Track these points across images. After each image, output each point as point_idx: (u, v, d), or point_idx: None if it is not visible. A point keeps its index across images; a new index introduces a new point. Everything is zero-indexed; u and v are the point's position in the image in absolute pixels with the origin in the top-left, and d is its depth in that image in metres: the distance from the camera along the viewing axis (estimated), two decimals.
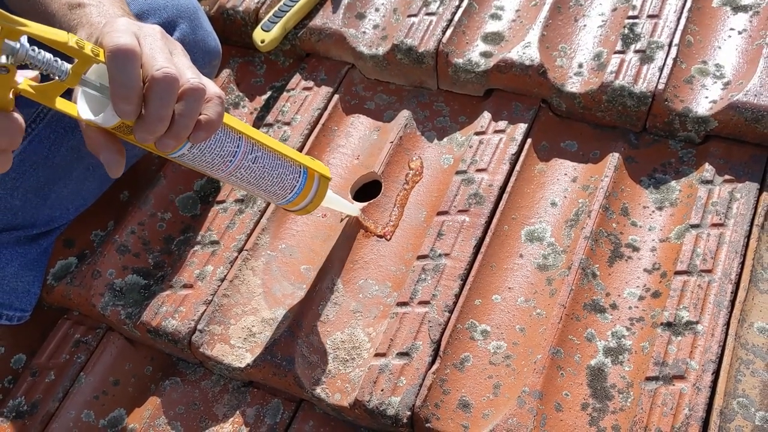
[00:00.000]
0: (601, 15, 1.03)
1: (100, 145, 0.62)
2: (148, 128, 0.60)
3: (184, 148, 0.66)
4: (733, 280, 0.80)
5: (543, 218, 0.91)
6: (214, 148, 0.69)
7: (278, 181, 0.77)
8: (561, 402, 0.77)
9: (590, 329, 0.82)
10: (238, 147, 0.71)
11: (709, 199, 0.86)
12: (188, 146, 0.66)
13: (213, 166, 0.71)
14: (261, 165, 0.74)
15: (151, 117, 0.59)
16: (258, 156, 0.74)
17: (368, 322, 0.87)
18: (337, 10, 1.10)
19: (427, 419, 0.77)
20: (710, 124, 0.90)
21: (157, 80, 0.59)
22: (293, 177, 0.78)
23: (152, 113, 0.59)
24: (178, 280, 0.92)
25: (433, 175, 0.98)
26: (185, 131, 0.62)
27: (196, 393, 0.90)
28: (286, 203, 0.81)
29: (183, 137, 0.62)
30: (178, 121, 0.61)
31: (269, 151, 0.75)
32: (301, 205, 0.82)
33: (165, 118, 0.60)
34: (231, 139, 0.71)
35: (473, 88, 1.03)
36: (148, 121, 0.60)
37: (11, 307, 0.94)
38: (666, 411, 0.73)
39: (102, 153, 0.63)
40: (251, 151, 0.73)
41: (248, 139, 0.73)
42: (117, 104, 0.58)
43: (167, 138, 0.61)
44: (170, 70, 0.59)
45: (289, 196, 0.80)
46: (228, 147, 0.70)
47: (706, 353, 0.76)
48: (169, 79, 0.59)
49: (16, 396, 0.91)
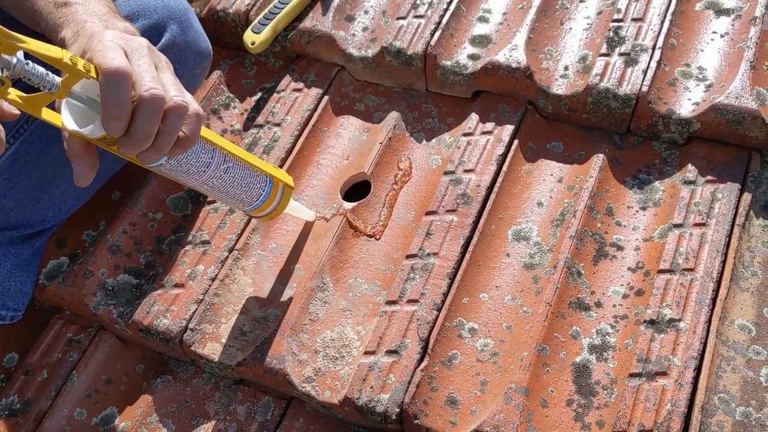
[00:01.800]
0: (586, 18, 1.04)
1: (77, 155, 0.65)
2: (133, 144, 0.63)
3: (162, 159, 0.69)
4: (714, 279, 0.82)
5: (529, 218, 0.93)
6: (191, 159, 0.73)
7: (246, 189, 0.81)
8: (547, 398, 0.79)
9: (575, 327, 0.83)
10: (212, 158, 0.75)
11: (692, 199, 0.88)
12: (165, 158, 0.70)
13: (188, 175, 0.74)
14: (231, 175, 0.78)
15: (137, 134, 0.62)
16: (230, 167, 0.78)
17: (358, 321, 0.88)
18: (327, 12, 1.11)
19: (415, 416, 0.79)
20: (693, 125, 0.92)
21: (145, 101, 0.61)
22: (260, 186, 0.82)
23: (138, 131, 0.62)
24: (169, 279, 0.93)
25: (422, 176, 0.99)
26: (167, 147, 0.65)
27: (188, 391, 0.91)
28: (252, 210, 0.85)
29: (164, 152, 0.65)
30: (160, 137, 0.64)
31: (239, 162, 0.79)
32: (266, 212, 0.86)
33: (150, 135, 0.63)
34: (206, 151, 0.74)
35: (461, 90, 1.04)
36: (133, 138, 0.62)
37: (4, 306, 0.94)
38: (649, 407, 0.75)
39: (76, 163, 0.66)
40: (223, 161, 0.77)
41: (221, 151, 0.76)
42: (107, 122, 0.61)
43: (149, 152, 0.65)
44: (157, 92, 0.62)
45: (255, 203, 0.83)
46: (203, 158, 0.74)
47: (688, 350, 0.77)
48: (157, 100, 0.62)
49: (8, 394, 0.91)
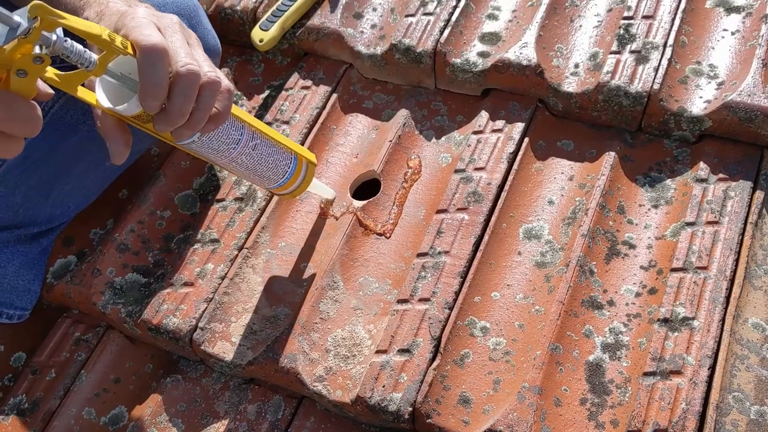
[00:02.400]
0: (596, 15, 1.04)
1: (111, 132, 0.66)
2: (169, 121, 0.63)
3: (194, 136, 0.70)
4: (728, 277, 0.81)
5: (541, 216, 0.92)
6: (221, 136, 0.73)
7: (273, 167, 0.82)
8: (560, 397, 0.78)
9: (588, 325, 0.83)
10: (241, 135, 0.76)
11: (704, 198, 0.88)
12: (198, 135, 0.70)
13: (218, 153, 0.75)
14: (259, 152, 0.79)
15: (174, 111, 0.63)
16: (257, 143, 0.78)
17: (369, 319, 0.87)
18: (335, 9, 1.10)
19: (428, 415, 0.78)
20: (704, 123, 0.92)
21: (182, 77, 0.62)
22: (285, 163, 0.83)
23: (175, 108, 0.63)
24: (178, 278, 0.93)
25: (432, 174, 0.99)
26: (201, 123, 0.65)
27: (197, 390, 0.91)
28: (277, 187, 0.85)
29: (198, 128, 0.66)
30: (195, 113, 0.64)
31: (266, 139, 0.80)
32: (289, 189, 0.87)
33: (186, 112, 0.63)
34: (235, 128, 0.75)
35: (471, 88, 1.04)
36: (170, 115, 0.63)
37: (11, 305, 0.94)
38: (664, 405, 0.74)
39: (111, 141, 0.66)
40: (252, 138, 0.77)
41: (249, 128, 0.77)
42: (145, 99, 0.61)
43: (184, 128, 0.65)
44: (193, 67, 0.62)
45: (280, 181, 0.84)
46: (233, 135, 0.75)
47: (702, 349, 0.77)
48: (193, 76, 0.62)
49: (17, 394, 0.91)
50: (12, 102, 0.56)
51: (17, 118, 0.57)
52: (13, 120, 0.56)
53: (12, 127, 0.57)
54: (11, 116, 0.56)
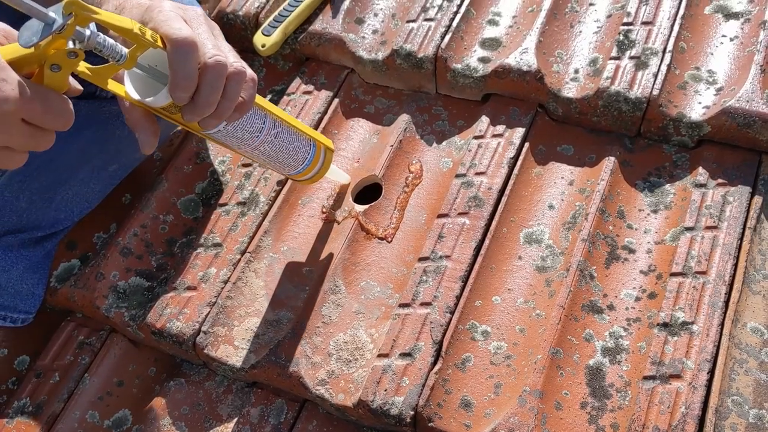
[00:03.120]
0: (596, 21, 1.05)
1: (140, 123, 0.68)
2: (198, 111, 0.65)
3: (220, 125, 0.72)
4: (726, 282, 0.82)
5: (541, 221, 0.93)
6: (245, 125, 0.76)
7: (293, 153, 0.84)
8: (561, 401, 0.79)
9: (588, 330, 0.84)
10: (264, 123, 0.78)
11: (703, 203, 0.89)
12: (224, 124, 0.72)
13: (242, 141, 0.77)
14: (281, 140, 0.81)
15: (203, 102, 0.65)
16: (279, 131, 0.81)
17: (370, 323, 0.88)
18: (337, 14, 1.11)
19: (430, 418, 0.79)
20: (703, 129, 0.93)
21: (210, 68, 0.64)
22: (305, 150, 0.85)
23: (204, 98, 0.65)
24: (181, 282, 0.94)
25: (433, 179, 0.99)
26: (228, 112, 0.68)
27: (200, 394, 0.91)
28: (296, 174, 0.88)
29: (224, 117, 0.68)
30: (222, 103, 0.66)
31: (287, 126, 0.82)
32: (308, 176, 0.89)
33: (214, 102, 0.65)
34: (258, 116, 0.77)
35: (471, 93, 1.04)
36: (198, 105, 0.65)
37: (15, 309, 0.94)
38: (663, 409, 0.75)
39: (141, 131, 0.68)
40: (273, 126, 0.80)
41: (271, 116, 0.79)
42: (175, 91, 0.63)
43: (211, 118, 0.67)
44: (221, 58, 0.64)
45: (300, 167, 0.87)
46: (256, 123, 0.77)
47: (702, 353, 0.78)
48: (220, 67, 0.64)
49: (20, 397, 0.92)
50: (47, 96, 0.58)
51: (51, 111, 0.59)
52: (48, 113, 0.58)
53: (46, 120, 0.59)
54: (46, 110, 0.58)
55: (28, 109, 0.57)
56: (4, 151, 0.59)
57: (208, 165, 1.06)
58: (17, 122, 0.57)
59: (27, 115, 0.57)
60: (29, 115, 0.58)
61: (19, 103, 0.56)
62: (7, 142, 0.58)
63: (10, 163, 0.61)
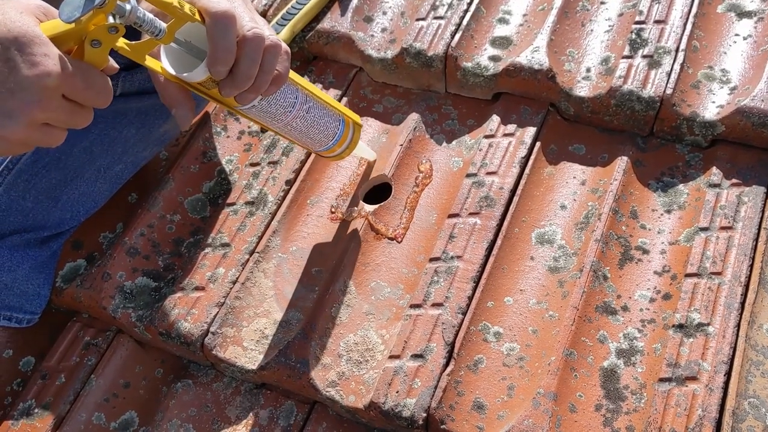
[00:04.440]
0: (608, 20, 1.04)
1: (176, 99, 0.68)
2: (236, 84, 0.65)
3: (256, 100, 0.72)
4: (742, 283, 0.81)
5: (553, 221, 0.92)
6: (279, 100, 0.75)
7: (324, 128, 0.84)
8: (575, 403, 0.78)
9: (602, 331, 0.83)
10: (296, 98, 0.78)
11: (717, 203, 0.88)
12: (259, 98, 0.72)
13: (275, 116, 0.77)
14: (312, 115, 0.81)
15: (241, 75, 0.64)
16: (311, 106, 0.80)
17: (381, 324, 0.87)
18: (345, 13, 1.10)
19: (442, 421, 0.78)
20: (717, 128, 0.92)
21: (249, 41, 0.64)
22: (335, 125, 0.85)
23: (242, 72, 0.64)
24: (189, 282, 0.92)
25: (443, 178, 0.98)
26: (264, 86, 0.67)
27: (208, 395, 0.90)
28: (326, 150, 0.88)
29: (261, 90, 0.68)
30: (259, 76, 0.66)
31: (317, 101, 0.81)
32: (337, 152, 0.89)
33: (253, 75, 0.65)
34: (291, 91, 0.77)
35: (481, 92, 1.04)
36: (237, 79, 0.65)
37: (21, 309, 0.93)
38: (680, 412, 0.74)
39: (177, 107, 0.69)
40: (305, 101, 0.79)
41: (303, 91, 0.79)
42: (215, 65, 0.63)
43: (248, 92, 0.67)
44: (259, 31, 0.64)
45: (330, 143, 0.86)
46: (289, 98, 0.77)
47: (718, 354, 0.77)
48: (259, 39, 0.64)
49: (26, 399, 0.90)
50: (88, 72, 0.58)
51: (93, 87, 0.58)
52: (89, 89, 0.58)
53: (88, 96, 0.59)
54: (87, 85, 0.58)
55: (70, 84, 0.57)
56: (44, 128, 0.59)
57: (216, 164, 1.05)
58: (58, 98, 0.57)
59: (68, 90, 0.57)
60: (70, 91, 0.57)
61: (60, 78, 0.56)
62: (48, 119, 0.58)
63: (50, 139, 0.60)
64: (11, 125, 0.56)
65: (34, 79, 0.55)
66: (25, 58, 0.55)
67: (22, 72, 0.55)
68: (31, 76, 0.55)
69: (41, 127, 0.58)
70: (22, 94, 0.55)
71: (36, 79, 0.55)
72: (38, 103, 0.56)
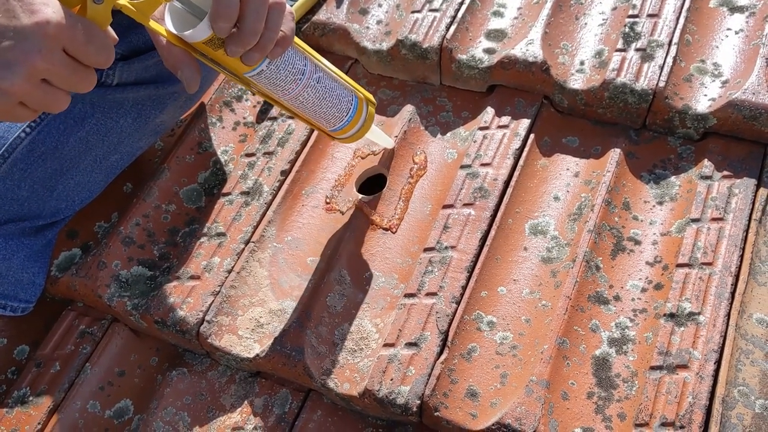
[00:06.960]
0: (601, 14, 1.05)
1: (181, 61, 0.67)
2: (242, 41, 0.65)
3: (263, 64, 0.71)
4: (733, 273, 0.82)
5: (546, 212, 0.93)
6: (287, 65, 0.74)
7: (336, 103, 0.81)
8: (567, 391, 0.79)
9: (595, 320, 0.83)
10: (305, 65, 0.76)
11: (709, 195, 0.89)
12: (266, 62, 0.71)
13: (285, 84, 0.75)
14: (323, 85, 0.78)
15: (247, 31, 0.64)
16: (321, 76, 0.78)
17: (375, 313, 0.88)
18: (341, 5, 1.10)
19: (436, 408, 0.79)
20: (709, 121, 0.93)
21: None
22: (348, 100, 0.82)
23: (248, 27, 0.64)
24: (185, 271, 0.93)
25: (437, 170, 0.99)
26: (270, 44, 0.66)
27: (203, 383, 0.90)
28: (339, 129, 0.84)
29: (267, 50, 0.67)
30: (264, 34, 0.65)
31: (328, 72, 0.79)
32: (351, 132, 0.86)
33: (258, 31, 0.64)
34: (299, 58, 0.75)
35: (476, 84, 1.04)
36: (243, 35, 0.64)
37: (16, 298, 0.93)
38: (671, 399, 0.75)
39: (183, 69, 0.68)
40: (315, 70, 0.77)
41: (311, 59, 0.77)
42: (217, 21, 0.63)
43: (254, 51, 0.66)
44: None
45: (344, 121, 0.83)
46: (297, 65, 0.75)
47: (709, 343, 0.78)
48: None
49: (20, 387, 0.91)
50: (90, 28, 0.57)
51: (94, 43, 0.58)
52: (91, 44, 0.57)
53: (89, 52, 0.58)
54: (88, 40, 0.57)
55: (70, 36, 0.56)
56: (45, 86, 0.58)
57: (211, 154, 1.05)
58: (59, 51, 0.56)
59: (69, 43, 0.56)
60: (71, 44, 0.57)
61: (60, 28, 0.55)
62: (48, 73, 0.57)
63: (52, 101, 0.59)
64: (11, 77, 0.55)
65: (33, 27, 0.54)
66: (24, 6, 0.54)
67: (22, 20, 0.54)
68: (31, 24, 0.54)
69: (42, 84, 0.57)
70: (22, 43, 0.54)
71: (35, 27, 0.54)
72: (38, 53, 0.55)
